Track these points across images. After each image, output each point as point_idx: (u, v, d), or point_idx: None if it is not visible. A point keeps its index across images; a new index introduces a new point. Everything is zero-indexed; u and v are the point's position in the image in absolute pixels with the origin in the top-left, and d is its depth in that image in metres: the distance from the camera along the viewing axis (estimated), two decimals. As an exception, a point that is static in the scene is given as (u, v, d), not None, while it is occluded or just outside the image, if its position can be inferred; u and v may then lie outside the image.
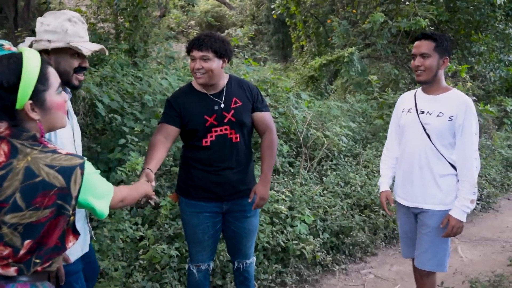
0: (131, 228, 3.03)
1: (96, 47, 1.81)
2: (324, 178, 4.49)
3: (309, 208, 3.76)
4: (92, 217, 3.23)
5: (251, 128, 2.42)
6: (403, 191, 2.49)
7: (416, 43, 2.35)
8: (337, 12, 8.87)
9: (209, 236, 2.40)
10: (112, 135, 4.32)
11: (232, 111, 2.28)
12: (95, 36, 7.12)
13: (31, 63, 1.24)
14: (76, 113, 4.29)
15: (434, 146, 2.33)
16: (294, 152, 4.86)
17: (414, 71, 2.37)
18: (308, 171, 4.64)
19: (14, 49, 1.25)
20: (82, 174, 1.25)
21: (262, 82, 5.90)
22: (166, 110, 2.32)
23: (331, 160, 5.03)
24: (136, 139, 3.90)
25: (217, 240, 2.52)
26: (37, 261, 1.25)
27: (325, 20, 9.05)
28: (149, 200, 1.95)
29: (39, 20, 1.75)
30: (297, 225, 3.39)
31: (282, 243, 3.25)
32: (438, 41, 2.28)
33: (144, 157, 3.31)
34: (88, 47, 1.77)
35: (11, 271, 1.23)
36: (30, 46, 1.70)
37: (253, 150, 2.57)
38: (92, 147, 4.20)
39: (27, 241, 1.21)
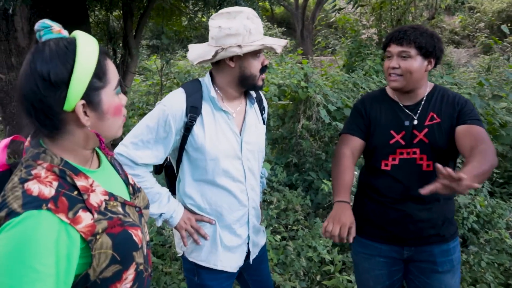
0: (325, 247, 2.77)
1: (282, 42, 1.61)
2: None
3: None
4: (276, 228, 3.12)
5: (452, 154, 1.76)
6: None
7: None
8: None
9: (383, 287, 1.88)
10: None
11: (426, 130, 1.72)
12: (355, 43, 7.13)
13: (87, 50, 0.94)
14: (309, 118, 4.32)
15: None
16: None
17: None
18: None
19: (65, 33, 0.97)
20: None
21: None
22: (350, 118, 1.92)
23: None
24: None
25: None
26: None
27: None
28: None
29: (214, 24, 1.59)
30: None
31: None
32: None
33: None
34: (277, 43, 1.59)
35: None
36: (215, 55, 1.55)
37: None
38: (318, 154, 4.14)
39: None
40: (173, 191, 1.87)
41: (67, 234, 0.91)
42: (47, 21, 0.95)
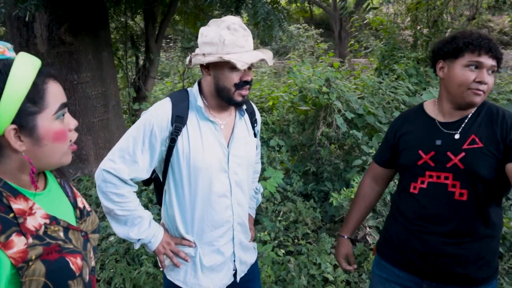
0: (330, 264, 2.62)
1: (255, 58, 1.49)
2: None
3: None
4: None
5: (496, 186, 1.49)
6: None
7: None
8: None
9: None
10: (357, 153, 3.95)
11: (462, 154, 1.49)
12: (388, 45, 6.86)
13: (20, 72, 0.90)
14: (329, 125, 4.14)
15: None
16: None
17: None
18: None
19: (11, 54, 0.94)
20: None
21: None
22: (381, 142, 1.82)
23: None
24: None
25: None
26: None
27: None
28: None
29: (201, 30, 1.56)
30: None
31: None
32: None
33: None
34: (245, 60, 1.47)
35: None
36: (190, 60, 1.54)
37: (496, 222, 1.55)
38: (336, 163, 3.97)
39: None
40: (161, 203, 1.82)
41: None
42: None
